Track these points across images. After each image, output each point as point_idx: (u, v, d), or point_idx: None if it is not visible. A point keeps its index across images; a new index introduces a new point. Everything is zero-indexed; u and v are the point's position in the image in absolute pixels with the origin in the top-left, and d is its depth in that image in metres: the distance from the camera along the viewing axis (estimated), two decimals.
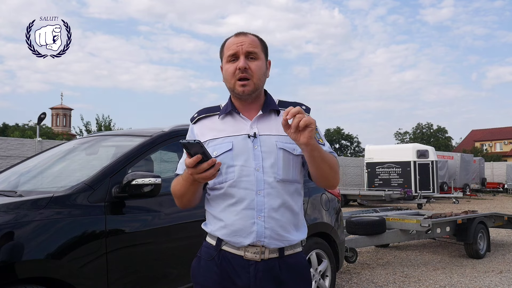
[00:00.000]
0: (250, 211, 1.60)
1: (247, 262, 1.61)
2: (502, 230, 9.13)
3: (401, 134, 57.67)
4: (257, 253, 1.60)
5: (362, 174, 20.99)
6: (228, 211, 1.62)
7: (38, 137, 16.02)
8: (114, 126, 25.91)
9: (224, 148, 1.63)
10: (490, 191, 27.03)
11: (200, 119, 1.74)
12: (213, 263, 1.65)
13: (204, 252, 1.70)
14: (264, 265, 1.61)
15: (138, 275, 2.87)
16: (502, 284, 5.18)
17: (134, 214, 2.92)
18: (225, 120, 1.70)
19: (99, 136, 4.06)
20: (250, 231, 1.60)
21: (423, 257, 6.83)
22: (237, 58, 1.65)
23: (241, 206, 1.60)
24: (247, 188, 1.61)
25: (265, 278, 1.61)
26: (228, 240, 1.62)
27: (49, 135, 38.19)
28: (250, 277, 1.60)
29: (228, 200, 1.63)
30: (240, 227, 1.60)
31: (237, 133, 1.65)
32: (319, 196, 4.32)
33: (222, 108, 1.73)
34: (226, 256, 1.63)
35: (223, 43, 1.72)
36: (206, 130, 1.70)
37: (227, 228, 1.62)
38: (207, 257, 1.67)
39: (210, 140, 1.66)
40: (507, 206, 16.94)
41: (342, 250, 4.55)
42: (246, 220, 1.60)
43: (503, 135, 54.58)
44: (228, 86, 1.68)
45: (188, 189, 1.58)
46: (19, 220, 2.40)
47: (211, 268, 1.65)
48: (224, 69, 1.69)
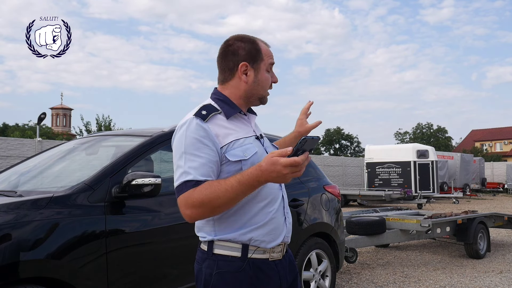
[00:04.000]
0: (281, 209, 1.65)
1: (273, 263, 1.62)
2: (502, 230, 9.13)
3: (401, 134, 57.65)
4: (281, 252, 1.65)
5: (362, 174, 21.00)
6: (264, 212, 1.58)
7: (38, 137, 16.02)
8: (114, 126, 25.91)
9: (253, 150, 1.59)
10: (490, 191, 27.02)
11: (211, 117, 1.62)
12: (244, 274, 1.55)
13: (225, 266, 1.55)
14: (284, 261, 1.67)
15: (138, 275, 2.86)
16: (502, 284, 5.18)
17: (134, 214, 2.92)
18: (233, 120, 1.63)
19: (99, 136, 4.06)
20: (282, 228, 1.64)
21: (423, 257, 6.83)
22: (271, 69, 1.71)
23: (276, 204, 1.63)
24: (274, 188, 1.64)
25: (286, 273, 1.67)
26: (262, 241, 1.57)
27: (49, 135, 38.18)
28: (281, 277, 1.64)
29: (262, 201, 1.59)
30: (275, 226, 1.62)
31: (249, 134, 1.65)
32: (319, 196, 4.32)
33: (226, 108, 1.63)
34: (256, 264, 1.58)
35: (257, 45, 1.67)
36: (223, 129, 1.58)
37: (263, 228, 1.58)
38: (234, 270, 1.55)
39: (234, 141, 1.58)
40: (507, 206, 16.94)
41: (342, 250, 4.55)
42: (280, 218, 1.64)
43: (503, 135, 54.58)
44: (260, 93, 1.67)
45: (244, 194, 1.47)
46: (19, 220, 2.39)
47: (242, 281, 1.55)
48: (264, 77, 1.67)
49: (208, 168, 1.50)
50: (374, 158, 19.60)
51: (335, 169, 23.08)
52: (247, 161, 1.56)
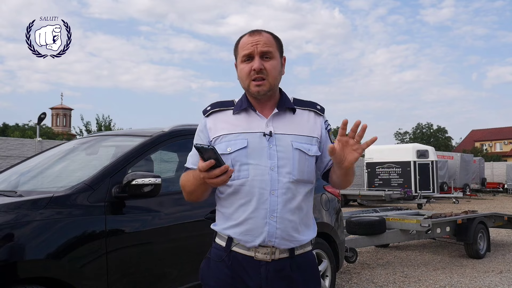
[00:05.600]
0: (263, 211, 1.58)
1: (258, 262, 1.59)
2: (502, 230, 9.13)
3: (401, 134, 57.62)
4: (268, 254, 1.59)
5: (362, 174, 20.96)
6: (241, 210, 1.59)
7: (38, 137, 16.02)
8: (114, 126, 25.92)
9: (239, 145, 1.59)
10: (490, 191, 27.01)
11: (213, 113, 1.67)
12: (223, 264, 1.62)
13: (213, 253, 1.66)
14: (274, 265, 1.60)
15: (138, 275, 2.86)
16: (502, 284, 5.18)
17: (134, 214, 2.92)
18: (239, 116, 1.64)
19: (99, 136, 4.06)
20: (262, 231, 1.58)
21: (423, 257, 6.83)
22: (252, 58, 1.61)
23: (254, 205, 1.58)
24: (261, 188, 1.58)
25: (276, 278, 1.60)
26: (239, 239, 1.59)
27: (49, 135, 38.19)
28: (262, 278, 1.59)
29: (241, 199, 1.59)
30: (252, 227, 1.58)
31: (252, 130, 1.61)
32: (319, 196, 4.32)
33: (236, 104, 1.67)
34: (237, 257, 1.60)
35: (238, 41, 1.68)
36: (220, 123, 1.64)
37: (239, 227, 1.59)
38: (217, 259, 1.63)
39: (224, 135, 1.61)
40: (507, 206, 16.94)
41: (342, 250, 4.55)
42: (258, 219, 1.58)
43: (503, 135, 54.56)
44: (243, 85, 1.66)
45: (198, 187, 1.57)
46: (19, 220, 2.40)
47: (221, 270, 1.62)
48: (239, 69, 1.66)
49: (197, 158, 1.56)
50: (374, 158, 19.59)
51: None
52: (228, 156, 1.58)
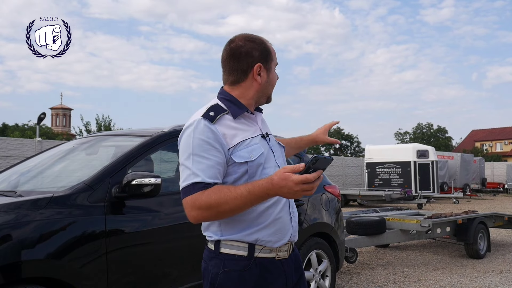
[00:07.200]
0: (286, 208, 1.64)
1: (279, 262, 1.62)
2: (502, 230, 9.13)
3: (401, 134, 57.61)
4: (287, 250, 1.65)
5: (362, 174, 20.99)
6: (268, 212, 1.57)
7: (38, 137, 16.02)
8: (114, 126, 25.92)
9: (259, 150, 1.59)
10: (490, 191, 26.99)
11: (219, 119, 1.59)
12: (249, 273, 1.55)
13: (231, 264, 1.56)
14: (290, 260, 1.67)
15: (138, 275, 2.87)
16: (502, 284, 5.18)
17: (134, 214, 2.92)
18: (239, 120, 1.62)
19: (99, 136, 4.06)
20: (288, 228, 1.63)
21: (423, 257, 6.83)
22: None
23: (281, 204, 1.61)
24: None
25: (292, 271, 1.67)
26: (268, 241, 1.57)
27: (49, 135, 38.19)
28: (287, 276, 1.64)
29: (268, 201, 1.56)
30: (281, 226, 1.61)
31: (256, 134, 1.63)
32: (319, 196, 4.32)
33: (233, 108, 1.61)
34: (262, 263, 1.58)
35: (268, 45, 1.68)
36: (228, 130, 1.56)
37: (267, 228, 1.57)
38: (240, 269, 1.55)
39: (241, 142, 1.57)
40: (507, 206, 16.94)
41: (342, 250, 4.55)
42: (285, 217, 1.62)
43: (503, 135, 54.56)
44: (266, 92, 1.70)
45: (253, 203, 1.46)
46: (19, 220, 2.40)
47: (247, 280, 1.55)
48: (272, 75, 1.70)
49: (216, 170, 1.49)
50: (374, 158, 19.59)
51: (335, 169, 23.07)
52: (253, 163, 1.55)
